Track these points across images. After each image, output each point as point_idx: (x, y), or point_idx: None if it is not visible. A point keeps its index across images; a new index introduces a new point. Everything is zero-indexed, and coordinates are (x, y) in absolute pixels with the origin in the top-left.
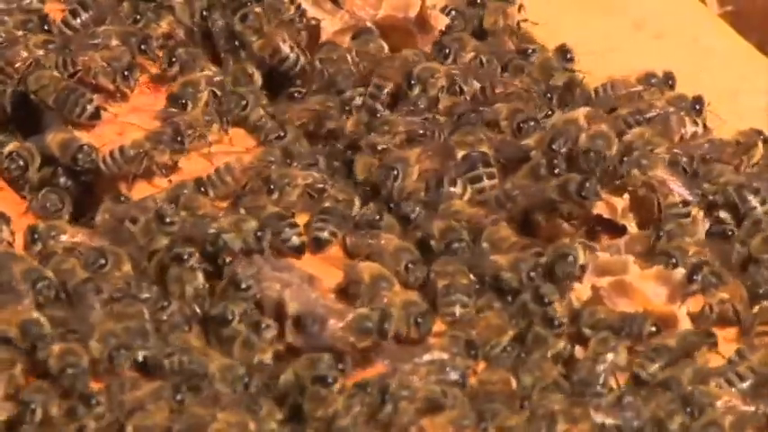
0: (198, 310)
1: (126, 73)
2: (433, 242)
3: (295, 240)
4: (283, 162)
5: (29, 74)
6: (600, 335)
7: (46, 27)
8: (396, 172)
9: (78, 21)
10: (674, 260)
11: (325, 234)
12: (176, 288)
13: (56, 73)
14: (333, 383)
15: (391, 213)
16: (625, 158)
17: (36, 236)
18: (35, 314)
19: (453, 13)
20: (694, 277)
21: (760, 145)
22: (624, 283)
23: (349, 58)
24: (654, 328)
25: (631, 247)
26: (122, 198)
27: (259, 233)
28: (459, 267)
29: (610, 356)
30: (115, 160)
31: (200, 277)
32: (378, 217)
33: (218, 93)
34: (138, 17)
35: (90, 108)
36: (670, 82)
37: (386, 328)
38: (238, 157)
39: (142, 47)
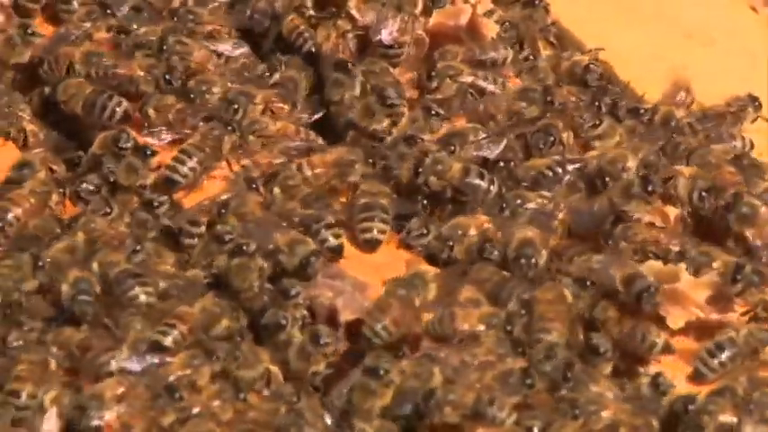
0: (266, 298)
1: (167, 77)
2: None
3: (332, 241)
4: (366, 162)
5: (57, 83)
6: None
7: (109, 11)
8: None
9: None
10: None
11: (375, 233)
12: (241, 278)
13: (81, 79)
14: (385, 375)
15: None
16: None
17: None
18: None
19: (507, 24)
20: (737, 276)
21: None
22: (677, 292)
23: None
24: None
25: None
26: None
27: (310, 259)
28: (493, 270)
29: None
30: (185, 164)
31: (264, 264)
32: (425, 231)
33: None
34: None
35: (119, 110)
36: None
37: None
38: (321, 156)
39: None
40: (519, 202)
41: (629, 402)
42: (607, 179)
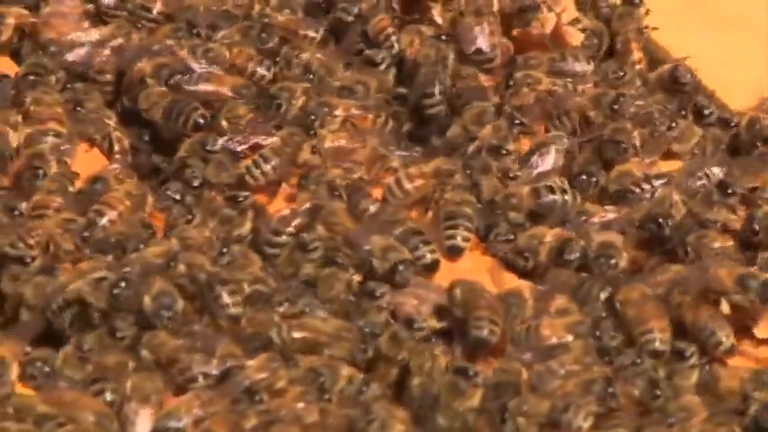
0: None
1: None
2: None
3: (428, 258)
4: (465, 174)
5: (139, 91)
6: None
7: (195, 31)
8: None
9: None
10: None
11: (459, 241)
12: (328, 287)
13: (164, 89)
14: (474, 377)
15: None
16: None
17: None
18: None
19: (588, 32)
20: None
21: None
22: None
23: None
24: None
25: None
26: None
27: (399, 266)
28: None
29: None
30: (259, 167)
31: (354, 276)
32: (512, 236)
33: None
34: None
35: (195, 116)
36: None
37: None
38: (418, 168)
39: (263, 35)
40: (583, 218)
41: (712, 410)
42: (661, 221)
